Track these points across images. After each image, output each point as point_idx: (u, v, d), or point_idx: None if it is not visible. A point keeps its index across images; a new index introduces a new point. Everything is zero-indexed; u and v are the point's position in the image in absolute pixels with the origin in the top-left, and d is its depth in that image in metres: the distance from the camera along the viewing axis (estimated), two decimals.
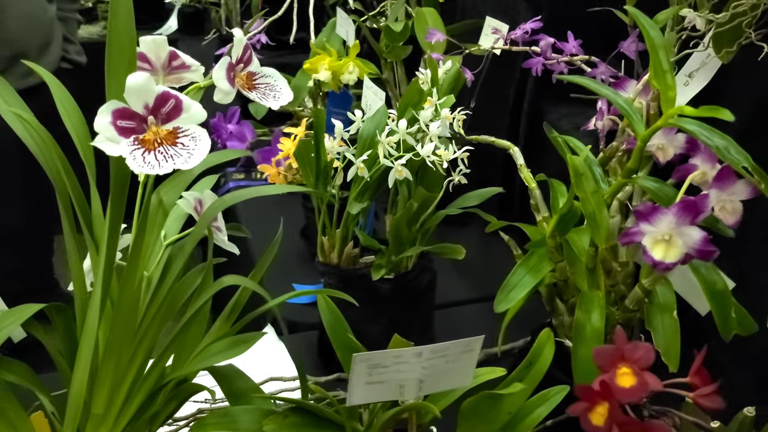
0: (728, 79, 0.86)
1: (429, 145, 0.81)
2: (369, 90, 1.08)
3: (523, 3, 1.24)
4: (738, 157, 0.54)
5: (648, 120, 0.76)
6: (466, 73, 1.07)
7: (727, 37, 0.76)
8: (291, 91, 0.59)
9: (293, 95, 1.40)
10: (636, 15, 0.59)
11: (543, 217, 0.78)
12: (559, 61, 0.95)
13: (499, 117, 1.32)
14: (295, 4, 1.61)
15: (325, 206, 0.90)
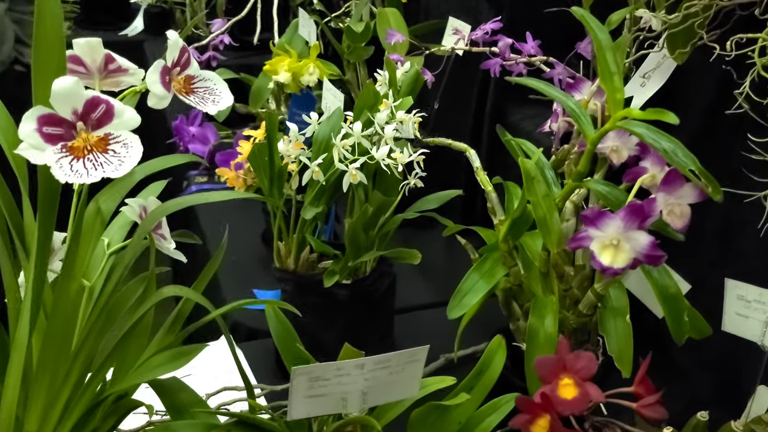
0: (686, 80, 0.86)
1: (383, 148, 0.80)
2: (328, 92, 1.06)
3: (485, 3, 1.23)
4: (685, 160, 0.53)
5: (603, 121, 0.76)
6: (426, 74, 1.06)
7: (681, 38, 0.76)
8: (231, 95, 0.57)
9: (256, 96, 1.39)
10: (584, 17, 0.59)
11: (499, 221, 0.77)
12: (517, 62, 0.94)
13: (462, 118, 1.32)
14: (259, 4, 1.60)
15: (280, 211, 0.88)
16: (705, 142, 0.84)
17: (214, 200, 0.64)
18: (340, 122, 0.87)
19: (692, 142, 0.86)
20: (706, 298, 0.82)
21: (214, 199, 0.64)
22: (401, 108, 0.88)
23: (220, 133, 1.48)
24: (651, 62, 0.85)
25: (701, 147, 0.85)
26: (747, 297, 0.67)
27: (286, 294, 0.91)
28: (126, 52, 0.64)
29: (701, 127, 0.84)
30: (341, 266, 0.85)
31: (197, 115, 1.47)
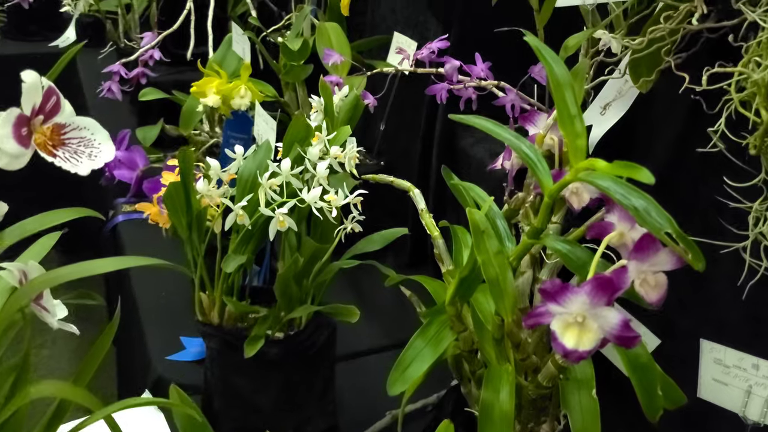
0: (651, 107, 0.78)
1: (315, 190, 0.70)
2: (260, 118, 0.96)
3: (432, 19, 1.14)
4: (660, 221, 0.45)
5: (560, 159, 0.67)
6: (368, 98, 0.97)
7: (645, 65, 0.68)
8: (112, 146, 0.46)
9: (187, 119, 1.27)
10: (537, 48, 0.50)
11: (448, 270, 0.68)
12: (466, 86, 0.85)
13: (411, 140, 1.23)
14: (192, 16, 1.48)
15: (201, 258, 0.78)
16: (673, 178, 0.76)
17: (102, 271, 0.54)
18: (268, 157, 0.77)
19: (658, 178, 0.79)
20: (677, 349, 0.74)
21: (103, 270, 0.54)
22: (338, 139, 0.79)
23: (150, 157, 1.36)
24: (611, 88, 0.77)
25: (668, 183, 0.78)
26: (725, 361, 0.59)
27: (211, 351, 0.81)
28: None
29: (668, 161, 0.76)
30: (270, 322, 0.75)
31: (124, 137, 1.35)
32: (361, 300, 1.09)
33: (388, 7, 1.27)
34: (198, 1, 1.52)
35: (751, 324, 0.70)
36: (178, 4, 1.54)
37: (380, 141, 1.23)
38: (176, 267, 0.73)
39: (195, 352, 0.97)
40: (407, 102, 1.19)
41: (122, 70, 1.40)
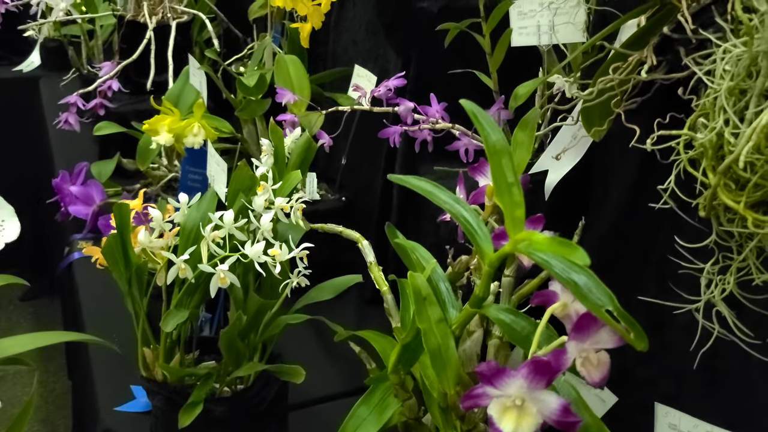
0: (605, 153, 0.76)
1: (258, 245, 0.67)
2: (212, 159, 0.93)
3: (392, 52, 1.12)
4: (600, 298, 0.42)
5: None
6: (323, 137, 0.94)
7: (597, 114, 0.66)
8: (18, 224, 0.43)
9: (143, 154, 1.24)
10: (473, 113, 0.47)
11: (395, 328, 0.65)
12: (420, 128, 0.83)
13: (373, 174, 1.20)
14: (153, 45, 1.45)
15: (143, 313, 0.75)
16: (629, 225, 0.74)
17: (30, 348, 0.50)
18: (212, 207, 0.74)
19: (614, 224, 0.77)
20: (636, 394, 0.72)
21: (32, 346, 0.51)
22: (287, 186, 0.76)
23: (108, 191, 1.32)
24: (567, 132, 0.75)
25: (624, 230, 0.76)
26: (680, 427, 0.57)
27: (156, 410, 0.77)
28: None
29: (625, 207, 0.74)
30: (215, 379, 0.72)
31: (80, 172, 1.31)
32: (320, 339, 1.05)
33: (349, 38, 1.25)
34: (159, 30, 1.49)
35: (708, 372, 0.68)
36: (140, 31, 1.51)
37: (341, 175, 1.20)
38: (105, 343, 0.69)
39: (145, 403, 0.94)
40: (369, 133, 1.17)
41: (79, 101, 1.37)
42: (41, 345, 0.58)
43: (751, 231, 0.46)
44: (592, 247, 0.77)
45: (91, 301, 1.17)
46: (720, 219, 0.51)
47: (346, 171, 1.21)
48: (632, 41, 0.64)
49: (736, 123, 0.47)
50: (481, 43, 0.77)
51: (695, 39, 0.56)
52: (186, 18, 1.52)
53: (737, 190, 0.49)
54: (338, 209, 1.14)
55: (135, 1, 1.53)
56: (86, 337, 0.61)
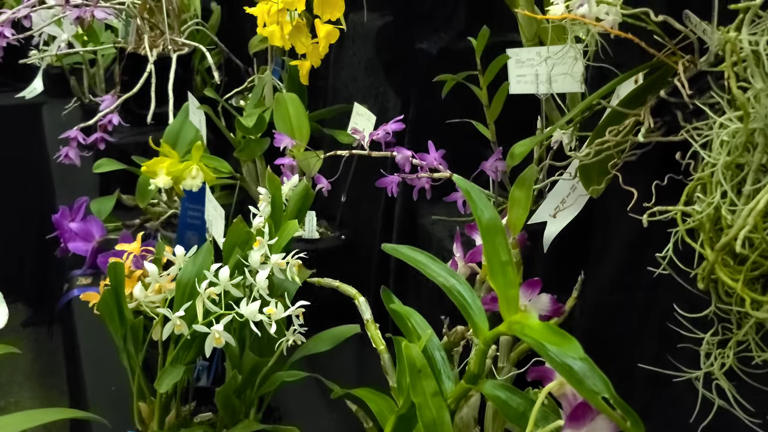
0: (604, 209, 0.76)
1: (253, 304, 0.66)
2: (210, 204, 0.93)
3: (392, 92, 1.12)
4: (597, 384, 0.42)
5: None
6: (321, 181, 0.94)
7: (594, 173, 0.65)
8: (6, 310, 0.43)
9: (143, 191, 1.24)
10: (466, 190, 0.47)
11: (392, 387, 0.64)
12: (418, 177, 0.83)
13: (373, 211, 1.20)
14: (153, 79, 1.45)
15: (139, 368, 0.74)
16: (629, 280, 0.73)
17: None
18: (209, 261, 0.73)
19: (614, 280, 0.76)
20: None
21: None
22: (285, 235, 0.76)
23: (107, 226, 1.32)
24: (565, 184, 0.75)
25: (624, 286, 0.75)
26: None
27: None
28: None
29: (625, 263, 0.73)
30: None
31: (80, 207, 1.31)
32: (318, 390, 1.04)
33: (349, 75, 1.25)
34: (160, 63, 1.50)
35: None
36: (141, 63, 1.51)
37: (341, 212, 1.20)
38: (95, 418, 0.69)
39: None
40: (369, 171, 1.16)
41: (80, 135, 1.37)
42: (42, 422, 0.58)
43: (749, 312, 0.45)
44: (591, 300, 0.77)
45: (90, 340, 1.17)
46: (719, 292, 0.50)
47: (346, 207, 1.20)
48: (629, 99, 0.64)
49: (733, 199, 0.46)
50: (479, 95, 0.76)
51: (692, 104, 0.56)
52: (187, 50, 1.52)
53: (736, 265, 0.48)
54: (338, 248, 1.13)
55: (136, 33, 1.54)
56: (87, 415, 0.61)
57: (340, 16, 1.00)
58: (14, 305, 2.20)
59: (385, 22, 1.14)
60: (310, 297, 0.77)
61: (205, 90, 1.28)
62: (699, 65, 0.58)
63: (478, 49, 0.74)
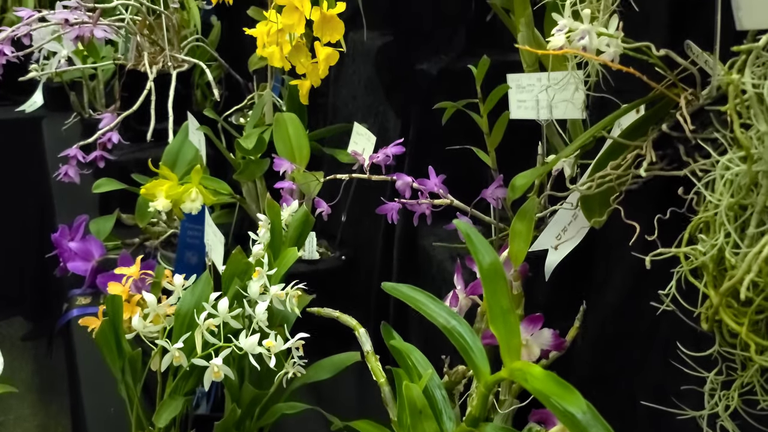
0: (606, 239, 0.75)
1: (253, 337, 0.66)
2: (209, 229, 0.93)
3: (392, 112, 1.11)
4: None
5: None
6: (321, 205, 0.94)
7: (597, 202, 0.65)
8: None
9: (142, 211, 1.23)
10: (467, 234, 0.46)
11: (393, 421, 0.64)
12: (419, 203, 0.82)
13: (374, 230, 1.19)
14: (153, 96, 1.45)
15: (137, 399, 0.73)
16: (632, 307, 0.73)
17: None
18: (208, 292, 0.73)
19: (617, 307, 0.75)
20: None
21: None
22: (284, 264, 0.75)
23: (107, 244, 1.31)
24: (566, 214, 0.74)
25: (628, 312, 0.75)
26: None
27: None
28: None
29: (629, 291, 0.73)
30: None
31: (80, 226, 1.31)
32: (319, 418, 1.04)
33: (349, 93, 1.24)
34: (160, 79, 1.49)
35: None
36: (141, 80, 1.51)
37: (342, 232, 1.19)
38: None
39: None
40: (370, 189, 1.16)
41: (79, 154, 1.36)
42: None
43: (752, 357, 0.44)
44: (593, 329, 0.76)
45: (89, 362, 1.16)
46: (723, 333, 0.49)
47: (346, 226, 1.20)
48: (631, 130, 0.63)
49: (737, 241, 0.46)
50: (479, 123, 0.76)
51: (695, 139, 0.55)
52: (186, 67, 1.52)
53: (740, 306, 0.47)
54: (338, 268, 1.13)
55: (136, 50, 1.53)
56: None
57: (340, 38, 0.99)
58: (14, 319, 2.20)
59: (385, 42, 1.14)
60: (309, 319, 0.76)
61: (205, 110, 1.27)
62: (701, 99, 0.58)
63: (479, 77, 0.74)
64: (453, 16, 1.03)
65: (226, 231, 1.32)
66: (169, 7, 1.54)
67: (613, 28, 0.61)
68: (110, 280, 1.12)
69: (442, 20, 1.03)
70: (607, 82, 0.69)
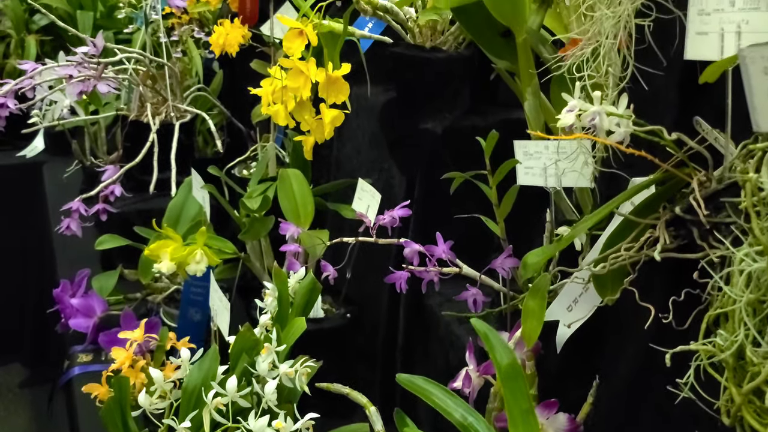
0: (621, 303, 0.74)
1: (262, 419, 0.65)
2: (215, 294, 0.92)
3: (396, 169, 1.11)
4: None
5: None
6: (328, 269, 0.93)
7: (609, 280, 0.64)
8: None
9: (145, 267, 1.22)
10: (484, 334, 0.46)
11: None
12: (427, 270, 0.82)
13: (379, 285, 1.18)
14: (156, 148, 1.45)
15: None
16: (645, 383, 0.72)
17: None
18: (215, 368, 0.72)
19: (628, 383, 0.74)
20: None
21: None
22: (292, 335, 0.74)
23: (109, 299, 1.30)
24: (577, 286, 0.74)
25: (640, 387, 0.74)
26: None
27: None
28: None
29: (641, 365, 0.72)
30: None
31: (82, 281, 1.30)
32: None
33: (353, 147, 1.24)
34: (162, 128, 1.50)
35: None
36: (143, 130, 1.51)
37: (347, 288, 1.18)
38: None
39: None
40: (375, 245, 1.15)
41: (81, 207, 1.36)
42: None
43: None
44: (606, 403, 0.75)
45: (90, 421, 1.14)
46: (745, 428, 0.48)
47: (351, 281, 1.19)
48: (642, 208, 0.63)
49: (757, 338, 0.45)
50: (488, 194, 0.76)
51: (709, 223, 0.55)
52: (189, 117, 1.52)
53: (763, 404, 0.47)
54: (344, 327, 1.12)
55: (138, 101, 1.54)
56: None
57: (346, 99, 1.00)
58: (12, 365, 2.18)
59: (389, 98, 1.14)
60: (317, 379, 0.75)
61: (209, 168, 1.27)
62: (713, 180, 0.57)
63: (487, 151, 0.74)
64: (457, 75, 1.03)
65: (230, 285, 1.31)
66: (172, 57, 1.55)
67: (623, 107, 0.61)
68: (112, 338, 1.11)
69: (446, 78, 1.03)
70: (616, 154, 0.69)
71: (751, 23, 0.54)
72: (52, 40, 2.24)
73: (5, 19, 2.29)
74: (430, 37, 1.04)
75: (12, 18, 2.22)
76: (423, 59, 1.01)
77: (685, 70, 0.64)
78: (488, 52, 0.88)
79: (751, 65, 0.41)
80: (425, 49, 1.02)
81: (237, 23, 1.43)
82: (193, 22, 1.81)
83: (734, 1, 0.55)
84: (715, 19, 0.56)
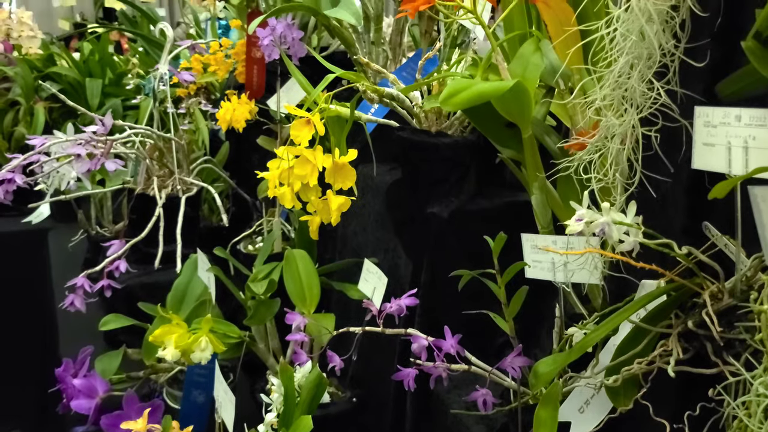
0: None
1: None
2: (219, 386, 0.91)
3: (401, 250, 1.11)
4: None
5: None
6: (334, 360, 0.92)
7: (621, 390, 0.63)
8: None
9: (150, 347, 1.21)
10: None
11: None
12: (435, 366, 0.80)
13: (384, 370, 1.17)
14: (162, 222, 1.45)
15: None
16: None
17: None
18: None
19: None
20: None
21: None
22: None
23: (111, 378, 1.29)
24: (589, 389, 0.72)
25: None
26: None
27: None
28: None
29: None
30: None
31: (84, 360, 1.28)
32: None
33: (359, 225, 1.25)
34: (168, 201, 1.50)
35: None
36: (149, 203, 1.52)
37: (353, 369, 1.17)
38: None
39: None
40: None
41: (86, 283, 1.35)
42: None
43: None
44: None
45: None
46: None
47: (356, 363, 1.18)
48: (653, 316, 0.62)
49: None
50: (497, 293, 0.75)
51: (723, 339, 0.54)
52: (195, 190, 1.53)
53: None
54: (350, 412, 1.10)
55: (145, 173, 1.55)
56: None
57: (353, 185, 1.00)
58: None
59: (394, 180, 1.14)
60: None
61: (215, 249, 1.27)
62: (726, 293, 0.57)
63: (495, 251, 0.73)
64: (462, 159, 1.04)
65: (234, 365, 1.29)
66: (179, 130, 1.57)
67: (632, 214, 0.61)
68: (114, 422, 1.10)
69: (452, 163, 1.03)
70: None
71: (758, 139, 0.54)
72: (61, 107, 2.27)
73: (15, 86, 2.33)
74: (436, 121, 1.05)
75: (22, 86, 2.25)
76: (429, 144, 1.02)
77: (693, 177, 0.64)
78: (494, 141, 0.88)
79: (762, 203, 0.40)
80: (431, 134, 1.03)
81: (244, 99, 1.45)
82: (200, 93, 1.84)
83: (740, 116, 0.55)
84: (722, 132, 0.56)
